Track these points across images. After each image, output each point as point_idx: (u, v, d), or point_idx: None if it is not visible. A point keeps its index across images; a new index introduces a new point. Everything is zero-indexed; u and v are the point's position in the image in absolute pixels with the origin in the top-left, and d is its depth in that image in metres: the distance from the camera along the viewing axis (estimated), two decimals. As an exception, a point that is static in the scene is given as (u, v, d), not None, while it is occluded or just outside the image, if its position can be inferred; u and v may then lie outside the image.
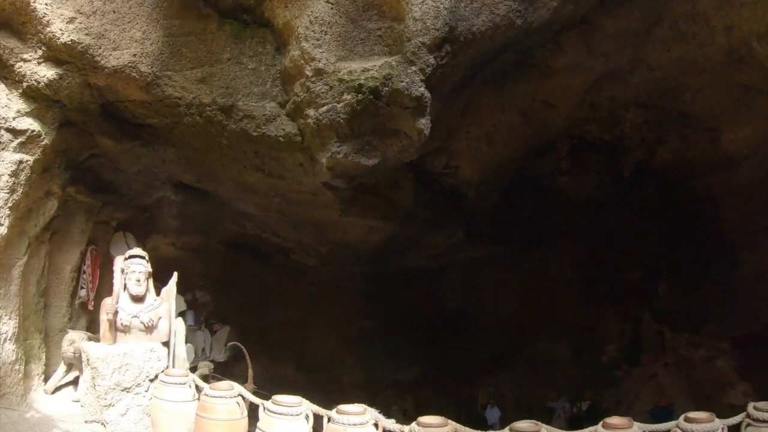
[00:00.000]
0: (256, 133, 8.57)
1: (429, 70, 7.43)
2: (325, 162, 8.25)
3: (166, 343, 8.82)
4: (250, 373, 10.77)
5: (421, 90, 7.46)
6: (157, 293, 9.21)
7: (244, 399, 7.39)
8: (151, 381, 8.18)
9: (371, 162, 8.20)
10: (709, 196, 11.81)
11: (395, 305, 16.01)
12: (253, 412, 7.22)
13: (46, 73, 8.07)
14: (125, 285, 8.89)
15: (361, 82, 7.44)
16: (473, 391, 16.48)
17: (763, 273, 11.79)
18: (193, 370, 9.62)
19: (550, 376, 15.70)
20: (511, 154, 11.16)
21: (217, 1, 8.29)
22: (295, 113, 8.25)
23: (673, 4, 8.52)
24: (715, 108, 10.02)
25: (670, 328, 14.41)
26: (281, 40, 8.24)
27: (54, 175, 8.97)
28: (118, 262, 9.14)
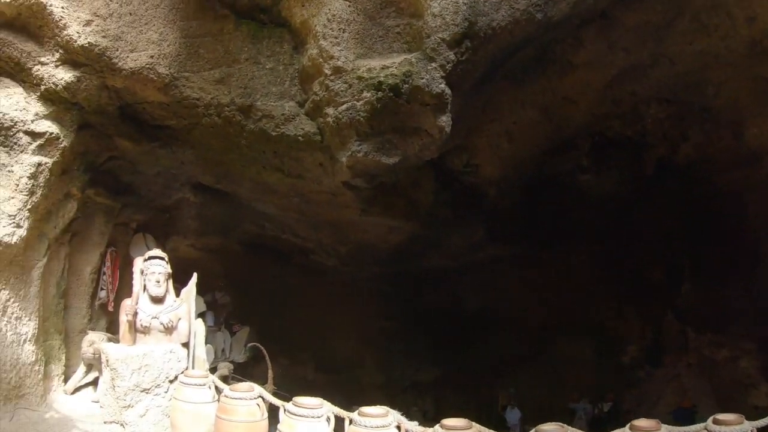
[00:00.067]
0: (275, 133, 8.54)
1: (449, 67, 7.35)
2: (345, 161, 8.20)
3: (186, 344, 8.82)
4: (269, 374, 10.75)
5: (441, 86, 7.39)
6: (177, 294, 9.22)
7: (264, 400, 7.35)
8: (170, 382, 8.17)
9: (392, 160, 8.14)
10: (733, 192, 11.68)
11: (415, 305, 16.00)
12: (273, 414, 7.18)
13: (64, 75, 8.06)
14: (145, 286, 8.92)
15: (381, 80, 7.38)
16: (493, 391, 16.42)
17: (789, 270, 11.64)
18: (212, 370, 9.62)
19: (571, 377, 15.64)
20: (531, 152, 11.08)
21: (234, 2, 8.27)
22: (315, 112, 8.21)
23: (694, -5, 8.43)
24: (739, 102, 9.90)
25: (693, 327, 14.25)
26: (299, 39, 8.20)
27: (73, 177, 8.98)
28: (138, 264, 9.17)
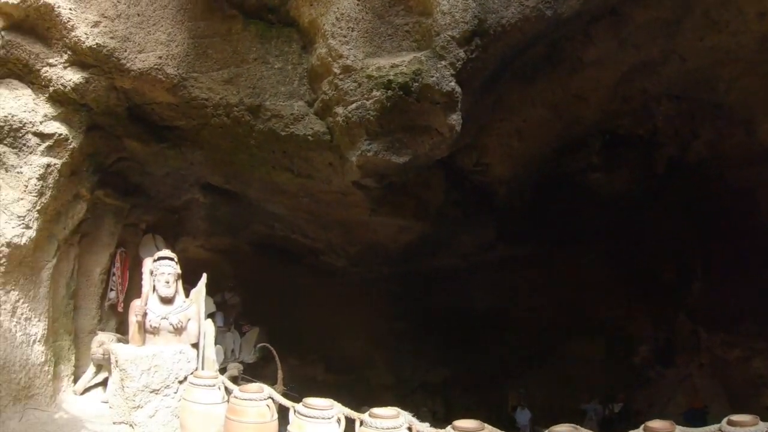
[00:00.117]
0: (284, 133, 8.51)
1: (459, 65, 7.32)
2: (354, 160, 8.17)
3: (196, 345, 8.79)
4: (279, 375, 10.72)
5: (451, 85, 7.35)
6: (187, 295, 9.20)
7: (274, 401, 7.31)
8: (180, 383, 8.15)
9: (402, 159, 8.10)
10: (745, 190, 11.61)
11: (425, 306, 15.96)
12: (282, 414, 7.14)
13: (72, 77, 8.06)
14: (154, 287, 8.90)
15: (391, 78, 7.35)
16: (503, 392, 16.36)
17: (802, 269, 11.54)
18: (222, 371, 9.61)
19: (582, 378, 15.56)
20: (542, 150, 11.04)
21: (242, 2, 8.26)
22: (324, 111, 8.18)
23: (704, -9, 8.36)
24: (750, 98, 9.82)
25: (705, 327, 14.14)
26: (307, 39, 8.18)
27: (82, 179, 8.97)
28: (147, 264, 9.16)
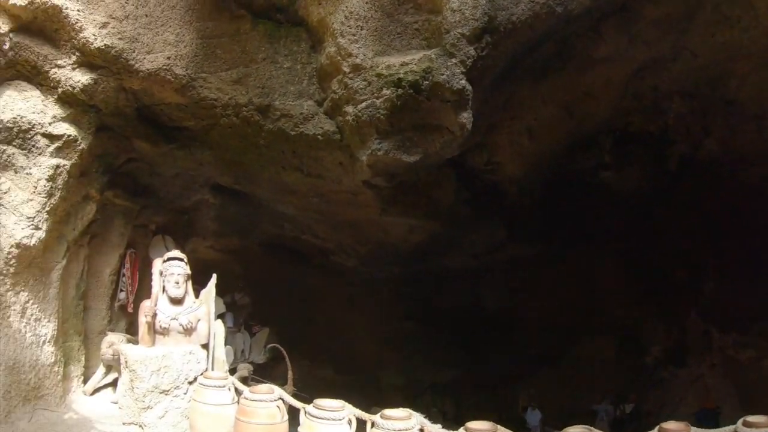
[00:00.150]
0: (293, 133, 8.48)
1: (469, 62, 7.26)
2: (365, 159, 8.13)
3: (205, 346, 8.79)
4: (289, 375, 10.72)
5: (462, 83, 7.29)
6: (196, 296, 9.20)
7: (284, 402, 7.28)
8: (189, 383, 8.15)
9: (412, 158, 8.05)
10: (758, 187, 11.49)
11: (435, 306, 15.93)
12: (293, 415, 7.11)
13: (81, 78, 8.06)
14: (164, 287, 8.92)
15: (401, 77, 7.30)
16: (514, 392, 16.34)
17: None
18: (232, 372, 9.60)
19: (593, 378, 15.52)
20: (553, 149, 10.96)
21: (250, 2, 8.24)
22: (334, 111, 8.14)
23: (715, -14, 8.29)
24: (763, 94, 9.73)
25: (717, 327, 14.05)
26: (316, 38, 8.16)
27: (92, 180, 8.98)
28: (157, 265, 9.17)
